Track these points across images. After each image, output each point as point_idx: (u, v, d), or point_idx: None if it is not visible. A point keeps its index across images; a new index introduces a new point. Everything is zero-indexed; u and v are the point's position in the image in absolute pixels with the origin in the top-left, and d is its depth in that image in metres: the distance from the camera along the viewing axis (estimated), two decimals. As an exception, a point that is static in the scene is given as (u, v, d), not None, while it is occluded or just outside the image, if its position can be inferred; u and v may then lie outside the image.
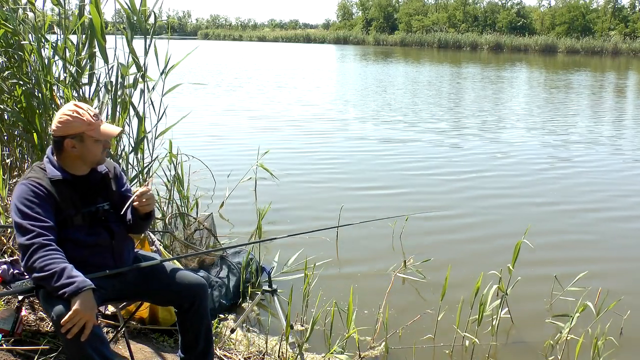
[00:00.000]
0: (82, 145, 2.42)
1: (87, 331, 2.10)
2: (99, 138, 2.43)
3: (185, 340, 2.68)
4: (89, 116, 2.41)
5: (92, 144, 2.43)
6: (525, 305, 4.16)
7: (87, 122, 2.40)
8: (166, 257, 3.43)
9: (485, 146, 10.01)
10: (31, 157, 4.59)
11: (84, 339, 2.10)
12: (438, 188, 7.31)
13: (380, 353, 3.51)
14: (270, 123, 11.97)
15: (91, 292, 2.16)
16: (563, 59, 45.76)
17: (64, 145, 2.41)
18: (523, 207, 6.60)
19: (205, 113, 12.87)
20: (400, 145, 9.97)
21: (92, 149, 2.44)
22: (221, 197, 5.88)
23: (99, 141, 2.44)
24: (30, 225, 2.24)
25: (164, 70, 4.33)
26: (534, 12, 72.07)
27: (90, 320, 2.11)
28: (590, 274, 4.09)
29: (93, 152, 2.45)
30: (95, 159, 2.48)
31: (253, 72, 24.88)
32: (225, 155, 8.67)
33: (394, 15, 79.62)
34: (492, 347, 3.59)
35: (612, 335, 3.50)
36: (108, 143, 2.51)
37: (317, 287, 4.07)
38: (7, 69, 4.46)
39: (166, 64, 4.33)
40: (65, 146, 2.41)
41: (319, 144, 9.88)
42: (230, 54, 44.40)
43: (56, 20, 4.43)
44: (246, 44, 79.10)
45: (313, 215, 6.03)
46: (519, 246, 3.51)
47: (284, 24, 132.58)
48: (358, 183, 7.42)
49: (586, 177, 7.99)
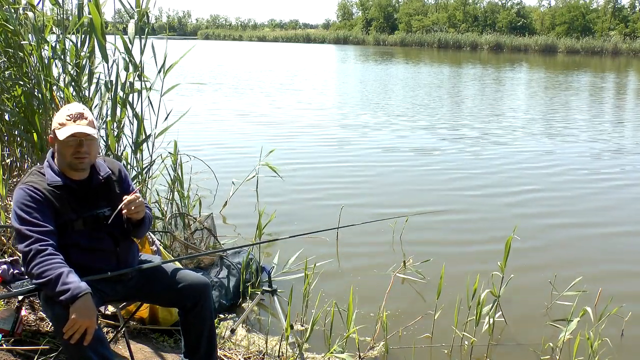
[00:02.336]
0: (56, 144, 2.40)
1: (88, 337, 2.09)
2: (58, 137, 2.34)
3: (188, 342, 2.66)
4: (64, 115, 2.37)
5: (60, 145, 2.37)
6: (525, 305, 4.17)
7: (59, 120, 2.38)
8: (166, 257, 3.43)
9: (493, 148, 10.02)
10: (31, 157, 4.59)
11: (86, 343, 2.08)
12: (439, 188, 7.31)
13: (380, 353, 3.51)
14: (273, 124, 11.96)
15: (88, 296, 2.12)
16: (563, 59, 45.75)
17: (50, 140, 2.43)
18: (525, 208, 6.60)
19: (209, 114, 12.85)
20: (401, 146, 9.97)
21: (60, 149, 2.38)
22: (223, 197, 5.88)
23: (66, 142, 2.35)
24: (28, 231, 2.22)
25: (162, 68, 4.32)
26: (534, 12, 72.08)
27: (90, 325, 2.09)
28: (589, 276, 4.10)
29: (61, 153, 2.39)
30: (64, 160, 2.39)
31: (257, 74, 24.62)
32: (228, 156, 8.65)
33: (394, 15, 79.61)
34: (491, 348, 3.59)
35: (609, 337, 3.51)
36: (81, 146, 2.36)
37: (317, 287, 4.07)
38: (7, 69, 4.47)
39: (163, 63, 4.33)
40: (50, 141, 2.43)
41: (321, 145, 9.88)
42: (231, 55, 44.37)
43: (55, 20, 4.43)
44: (246, 44, 79.08)
45: (314, 216, 6.04)
46: (509, 243, 3.46)
47: (284, 24, 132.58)
48: (359, 183, 7.41)
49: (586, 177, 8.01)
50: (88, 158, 2.41)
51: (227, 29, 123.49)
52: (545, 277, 4.49)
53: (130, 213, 2.42)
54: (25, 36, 4.21)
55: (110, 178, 2.53)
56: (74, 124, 2.36)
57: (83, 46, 4.27)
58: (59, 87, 4.27)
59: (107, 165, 2.56)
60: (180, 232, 4.52)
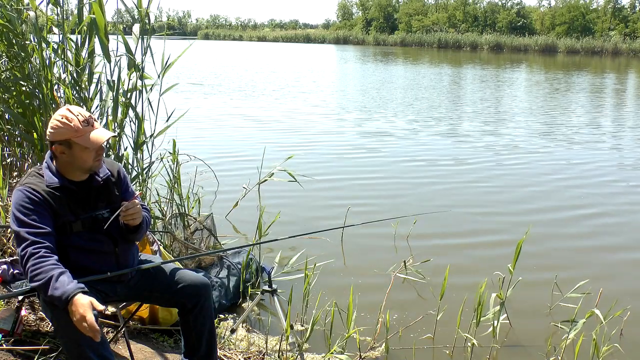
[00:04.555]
0: (70, 152, 2.34)
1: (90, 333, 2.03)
2: (86, 146, 2.33)
3: (188, 342, 2.65)
4: (78, 122, 2.32)
5: (80, 151, 2.34)
6: (527, 306, 4.17)
7: (75, 128, 2.31)
8: (166, 257, 3.43)
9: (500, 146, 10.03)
10: (31, 157, 4.59)
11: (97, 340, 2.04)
12: (440, 189, 7.31)
13: (381, 353, 3.50)
14: (277, 126, 11.95)
15: (79, 295, 2.07)
16: (564, 59, 45.74)
17: (54, 150, 2.36)
18: (527, 209, 6.60)
19: (214, 116, 12.84)
20: (402, 147, 9.96)
21: (80, 156, 2.35)
22: (223, 198, 5.88)
23: (87, 148, 2.34)
24: (25, 234, 2.21)
25: (164, 68, 4.32)
26: (534, 12, 72.04)
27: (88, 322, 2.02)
28: (590, 277, 4.09)
29: (82, 159, 2.36)
30: (85, 165, 2.38)
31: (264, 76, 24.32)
32: (230, 157, 8.65)
33: (394, 15, 79.61)
34: (493, 349, 3.59)
35: (611, 338, 3.50)
36: (102, 149, 2.40)
37: (317, 287, 4.07)
38: (8, 69, 4.47)
39: (167, 64, 4.33)
40: (55, 152, 2.37)
41: (323, 147, 9.87)
42: (232, 55, 44.31)
43: (56, 20, 4.43)
44: (247, 44, 79.05)
45: (314, 216, 6.03)
46: (520, 246, 3.50)
47: (284, 24, 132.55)
48: (360, 185, 7.40)
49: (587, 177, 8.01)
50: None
51: (227, 29, 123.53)
52: (546, 278, 4.50)
53: (127, 219, 2.42)
54: (27, 36, 4.21)
55: (110, 179, 2.52)
56: (94, 128, 2.36)
57: (83, 46, 4.27)
58: (59, 87, 4.27)
59: (107, 166, 2.54)
60: (180, 232, 4.52)
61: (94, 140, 2.34)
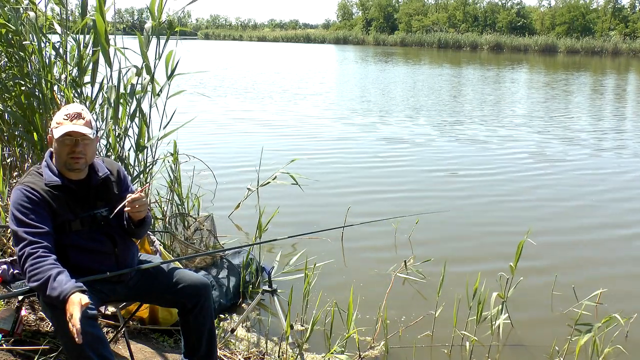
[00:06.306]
0: (54, 145, 2.39)
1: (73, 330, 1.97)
2: (55, 137, 2.35)
3: (188, 342, 2.65)
4: (61, 115, 2.37)
5: (57, 145, 2.37)
6: (527, 306, 4.17)
7: (56, 120, 2.38)
8: (166, 257, 3.43)
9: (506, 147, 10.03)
10: (31, 156, 4.59)
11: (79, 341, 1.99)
12: (441, 189, 7.31)
13: (381, 353, 3.50)
14: (278, 125, 11.96)
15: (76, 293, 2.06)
16: (564, 59, 45.73)
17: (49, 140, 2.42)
18: (527, 208, 6.60)
19: (218, 116, 12.80)
20: (403, 147, 9.96)
21: (57, 149, 2.38)
22: (223, 197, 5.88)
23: (62, 142, 2.34)
24: (23, 233, 2.22)
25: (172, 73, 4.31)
26: (534, 12, 72.03)
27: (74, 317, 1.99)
28: (591, 277, 4.09)
29: (58, 153, 2.38)
30: (60, 160, 2.39)
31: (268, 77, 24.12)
32: (231, 158, 8.64)
33: (394, 15, 79.59)
34: (492, 348, 3.59)
35: (614, 339, 3.50)
36: (77, 146, 2.35)
37: (318, 287, 4.07)
38: (8, 69, 4.46)
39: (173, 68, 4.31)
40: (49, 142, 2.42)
41: (325, 148, 9.86)
42: (233, 55, 44.25)
43: (57, 20, 4.42)
44: (247, 44, 78.97)
45: (314, 217, 6.03)
46: (522, 246, 3.50)
47: (284, 24, 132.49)
48: (362, 186, 7.40)
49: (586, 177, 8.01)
50: (84, 159, 2.39)
51: (227, 29, 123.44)
52: (546, 278, 4.49)
53: (132, 211, 2.40)
54: (27, 36, 4.21)
55: (109, 179, 2.52)
56: (70, 123, 2.35)
57: (86, 47, 4.27)
58: (60, 87, 4.27)
59: (106, 165, 2.55)
60: (180, 232, 4.52)
61: (57, 132, 2.34)
